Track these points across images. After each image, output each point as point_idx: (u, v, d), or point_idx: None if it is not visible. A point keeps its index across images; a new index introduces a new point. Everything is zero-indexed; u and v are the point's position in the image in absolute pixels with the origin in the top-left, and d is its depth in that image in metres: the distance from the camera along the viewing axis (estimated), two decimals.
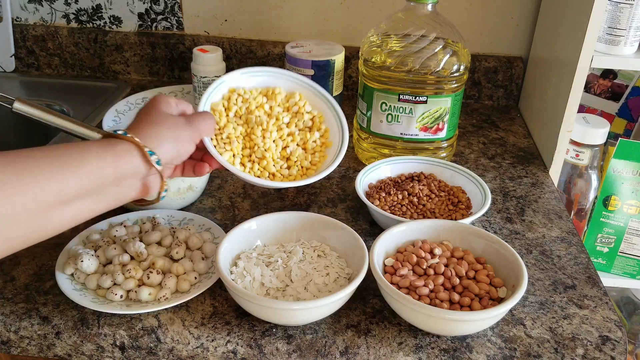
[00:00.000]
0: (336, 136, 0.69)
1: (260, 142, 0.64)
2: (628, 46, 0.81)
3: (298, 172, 0.66)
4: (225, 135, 0.63)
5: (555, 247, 0.71)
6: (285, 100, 0.68)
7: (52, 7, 1.10)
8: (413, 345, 0.56)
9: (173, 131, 0.53)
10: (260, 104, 0.66)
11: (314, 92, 0.69)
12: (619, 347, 0.57)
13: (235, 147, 0.63)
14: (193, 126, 0.55)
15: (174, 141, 0.53)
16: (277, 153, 0.65)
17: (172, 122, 0.54)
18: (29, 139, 1.04)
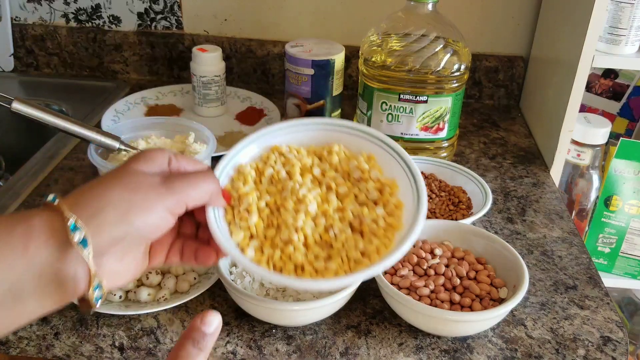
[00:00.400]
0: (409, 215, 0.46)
1: (289, 219, 0.45)
2: (629, 46, 0.81)
3: (341, 267, 0.43)
4: (244, 207, 0.45)
5: (556, 248, 0.71)
6: (345, 163, 0.49)
7: (51, 7, 1.09)
8: (413, 346, 0.56)
9: (127, 193, 0.36)
10: (308, 167, 0.48)
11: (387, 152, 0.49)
12: (620, 347, 0.57)
13: (255, 225, 0.45)
14: (172, 188, 0.38)
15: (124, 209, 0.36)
16: (315, 236, 0.45)
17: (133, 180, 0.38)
18: (27, 139, 1.04)
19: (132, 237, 0.37)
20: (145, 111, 0.96)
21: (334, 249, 0.44)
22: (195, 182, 0.40)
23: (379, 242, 0.44)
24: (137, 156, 0.40)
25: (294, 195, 0.46)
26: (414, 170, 0.47)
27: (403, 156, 0.48)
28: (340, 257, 0.44)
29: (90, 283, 0.35)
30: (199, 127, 0.77)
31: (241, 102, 1.01)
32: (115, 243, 0.36)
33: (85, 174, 0.81)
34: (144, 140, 0.75)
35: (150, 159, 0.40)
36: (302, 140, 0.51)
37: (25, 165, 0.83)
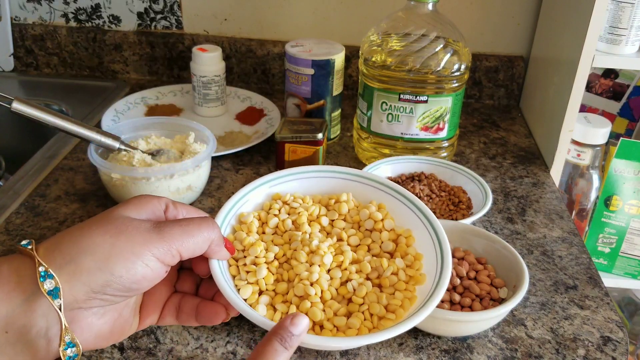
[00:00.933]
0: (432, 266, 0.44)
1: (303, 272, 0.41)
2: (629, 45, 0.81)
3: (364, 324, 0.40)
4: (250, 261, 0.42)
5: (556, 248, 0.71)
6: (355, 212, 0.47)
7: (50, 7, 1.09)
8: (414, 346, 0.56)
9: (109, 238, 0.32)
10: (316, 217, 0.46)
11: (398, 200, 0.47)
12: (620, 347, 0.57)
13: (264, 279, 0.42)
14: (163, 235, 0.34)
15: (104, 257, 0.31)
16: (332, 290, 0.42)
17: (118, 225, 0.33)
18: (27, 139, 1.04)
19: (113, 289, 0.32)
20: (145, 111, 0.96)
21: (354, 304, 0.41)
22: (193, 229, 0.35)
23: (402, 297, 0.41)
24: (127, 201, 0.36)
25: (305, 247, 0.42)
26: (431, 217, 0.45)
27: (417, 204, 0.46)
28: (361, 314, 0.40)
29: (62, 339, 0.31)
30: (199, 127, 0.77)
31: (241, 102, 1.01)
32: (93, 295, 0.32)
33: (85, 174, 0.81)
34: (144, 140, 0.75)
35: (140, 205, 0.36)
36: (307, 188, 0.48)
37: (25, 165, 0.83)
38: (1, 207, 0.73)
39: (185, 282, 0.41)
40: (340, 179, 0.48)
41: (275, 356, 0.34)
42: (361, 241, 0.45)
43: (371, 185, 0.48)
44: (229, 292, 0.38)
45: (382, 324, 0.40)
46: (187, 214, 0.38)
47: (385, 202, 0.47)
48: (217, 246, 0.38)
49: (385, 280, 0.42)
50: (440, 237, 0.44)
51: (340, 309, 0.41)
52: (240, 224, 0.44)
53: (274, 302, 0.41)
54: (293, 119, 0.84)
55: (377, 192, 0.47)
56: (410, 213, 0.46)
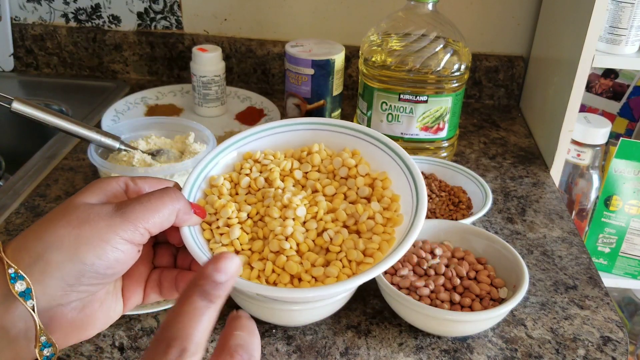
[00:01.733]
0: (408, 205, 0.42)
1: (277, 227, 0.41)
2: (629, 45, 0.81)
3: (342, 271, 0.40)
4: (223, 222, 0.41)
5: (556, 248, 0.71)
6: (328, 162, 0.46)
7: (50, 7, 1.09)
8: (414, 346, 0.56)
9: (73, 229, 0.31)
10: (289, 171, 0.45)
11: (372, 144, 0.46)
12: (620, 347, 0.57)
13: (238, 239, 0.41)
14: (126, 215, 0.33)
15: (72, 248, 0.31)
16: (309, 242, 0.41)
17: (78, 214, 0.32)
18: (27, 139, 1.04)
19: (89, 278, 0.31)
20: (145, 111, 0.96)
21: (331, 252, 0.41)
22: (155, 204, 0.34)
23: (380, 240, 0.41)
24: (86, 187, 0.35)
25: (278, 202, 0.41)
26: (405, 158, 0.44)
27: (391, 146, 0.44)
28: (339, 261, 0.40)
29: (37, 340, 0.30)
30: (198, 127, 0.77)
31: (241, 102, 1.01)
32: (69, 288, 0.31)
33: (85, 174, 0.81)
34: (144, 140, 0.75)
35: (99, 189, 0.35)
36: (277, 144, 0.47)
37: (25, 165, 0.83)
38: (1, 207, 0.73)
39: (162, 256, 0.40)
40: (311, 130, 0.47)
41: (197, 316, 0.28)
42: (337, 190, 0.44)
43: (343, 132, 0.46)
44: (202, 258, 0.37)
45: (360, 268, 0.40)
46: (149, 187, 0.37)
47: (359, 148, 0.46)
48: (185, 214, 0.36)
49: (363, 226, 0.42)
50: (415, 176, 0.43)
51: (317, 259, 0.40)
52: (211, 187, 0.43)
53: (250, 261, 0.40)
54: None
55: (350, 139, 0.46)
56: (385, 155, 0.45)
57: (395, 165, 0.44)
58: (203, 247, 0.39)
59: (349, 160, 0.45)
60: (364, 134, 0.46)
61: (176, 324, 0.27)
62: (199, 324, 0.28)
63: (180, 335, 0.27)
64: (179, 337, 0.27)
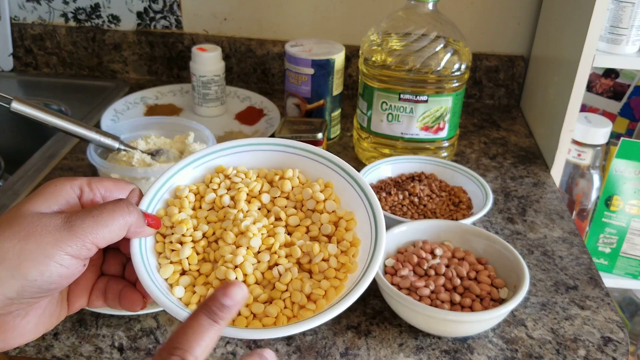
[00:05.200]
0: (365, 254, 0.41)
1: (227, 255, 0.39)
2: (630, 45, 0.81)
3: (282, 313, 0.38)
4: (176, 239, 0.40)
5: (557, 248, 0.71)
6: (299, 191, 0.44)
7: (50, 6, 1.09)
8: (414, 347, 0.56)
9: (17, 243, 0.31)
10: (257, 194, 0.43)
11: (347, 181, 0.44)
12: (620, 348, 0.57)
13: (187, 259, 0.40)
14: (73, 229, 0.32)
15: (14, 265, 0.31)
16: (257, 275, 0.40)
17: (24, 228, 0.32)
18: (26, 139, 1.04)
19: (30, 292, 0.32)
20: (144, 111, 0.96)
21: (276, 290, 0.39)
22: (106, 218, 0.33)
23: (328, 285, 0.39)
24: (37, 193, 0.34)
25: (235, 227, 0.40)
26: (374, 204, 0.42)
27: (363, 187, 0.43)
28: (282, 301, 0.39)
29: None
30: (198, 127, 0.77)
31: (241, 101, 1.01)
32: (10, 302, 0.31)
33: (84, 174, 0.81)
34: (144, 140, 0.75)
35: (51, 195, 0.34)
36: (254, 162, 0.45)
37: (25, 165, 0.82)
38: (1, 207, 0.73)
39: (111, 263, 0.39)
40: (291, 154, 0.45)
41: (200, 332, 0.30)
42: (301, 222, 0.43)
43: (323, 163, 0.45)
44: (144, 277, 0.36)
45: (301, 313, 0.38)
46: (105, 192, 0.36)
47: (334, 181, 0.45)
48: (137, 228, 0.36)
49: (315, 267, 0.40)
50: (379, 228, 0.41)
51: (261, 294, 0.39)
52: (175, 198, 0.42)
53: (195, 283, 0.39)
54: (293, 119, 0.84)
55: (328, 170, 0.45)
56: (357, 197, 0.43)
57: (363, 209, 0.43)
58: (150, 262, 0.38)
59: (318, 194, 0.43)
60: (342, 169, 0.45)
61: (181, 336, 0.30)
62: (201, 339, 0.30)
63: (182, 347, 0.30)
64: (180, 348, 0.29)
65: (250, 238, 0.40)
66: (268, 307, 0.38)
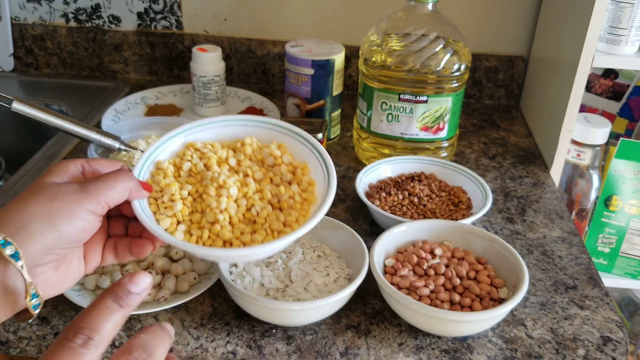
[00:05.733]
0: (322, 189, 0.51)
1: (213, 203, 0.48)
2: (629, 46, 0.81)
3: (266, 238, 0.48)
4: (167, 198, 0.48)
5: (556, 248, 0.71)
6: (258, 152, 0.53)
7: (50, 7, 1.09)
8: (413, 346, 0.56)
9: (47, 204, 0.38)
10: (224, 159, 0.52)
11: (296, 139, 0.54)
12: (620, 347, 0.57)
13: (180, 212, 0.48)
14: (89, 191, 0.40)
15: (48, 219, 0.38)
16: (239, 215, 0.49)
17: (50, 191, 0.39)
18: (27, 139, 1.04)
19: (62, 243, 0.39)
20: (145, 111, 0.96)
21: (257, 224, 0.48)
22: (112, 182, 0.42)
23: (297, 214, 0.49)
24: (49, 170, 0.42)
25: (214, 182, 0.49)
26: (322, 151, 0.52)
27: (310, 140, 0.53)
28: (264, 230, 0.48)
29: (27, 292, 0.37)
30: None
31: (241, 102, 1.01)
32: (47, 252, 0.38)
33: None
34: (144, 140, 0.75)
35: (61, 171, 0.42)
36: (215, 136, 0.54)
37: (26, 165, 0.83)
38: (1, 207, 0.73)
39: (115, 226, 0.47)
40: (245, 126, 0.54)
41: (107, 314, 0.34)
42: (265, 175, 0.52)
43: (273, 129, 0.54)
44: (151, 225, 0.45)
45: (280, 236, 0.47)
46: (101, 167, 0.45)
47: (285, 142, 0.54)
48: (136, 190, 0.44)
49: (284, 203, 0.50)
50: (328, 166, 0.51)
51: (246, 229, 0.48)
52: (157, 170, 0.50)
53: (190, 229, 0.48)
54: (293, 119, 0.84)
55: (278, 134, 0.54)
56: (306, 149, 0.53)
57: (313, 158, 0.52)
58: (150, 217, 0.46)
59: (275, 151, 0.52)
60: (289, 130, 0.54)
61: (88, 317, 0.33)
62: (107, 322, 0.33)
63: (89, 327, 0.33)
64: (87, 328, 0.33)
65: (228, 188, 0.48)
66: (254, 235, 0.47)
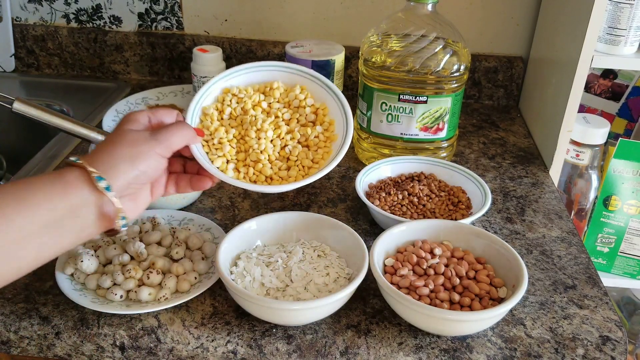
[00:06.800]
0: (341, 128, 0.63)
1: (254, 144, 0.60)
2: (628, 46, 0.81)
3: (299, 173, 0.60)
4: (217, 140, 0.60)
5: (555, 247, 0.71)
6: (285, 95, 0.64)
7: (52, 7, 1.10)
8: (413, 346, 0.56)
9: (129, 149, 0.49)
10: (257, 102, 0.63)
11: (315, 82, 0.64)
12: (619, 347, 0.57)
13: (228, 152, 0.59)
14: (158, 139, 0.51)
15: (130, 160, 0.49)
16: (275, 154, 0.61)
17: (130, 138, 0.50)
18: (28, 139, 1.04)
19: (140, 179, 0.50)
20: None
21: (291, 161, 0.61)
22: (175, 132, 0.53)
23: (322, 151, 0.62)
24: (125, 120, 0.52)
25: (253, 126, 0.60)
26: (338, 93, 0.64)
27: (327, 83, 0.64)
28: (296, 167, 0.61)
29: (117, 216, 0.48)
30: None
31: None
32: (129, 185, 0.49)
33: None
34: None
35: (135, 120, 0.52)
36: (247, 81, 0.64)
37: (27, 165, 0.83)
38: None
39: (175, 165, 0.57)
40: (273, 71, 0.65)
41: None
42: (292, 115, 0.63)
43: (295, 73, 0.65)
44: (207, 165, 0.56)
45: (310, 172, 0.60)
46: (163, 115, 0.55)
47: (306, 84, 0.65)
48: (192, 137, 0.55)
49: (311, 142, 0.62)
50: (345, 106, 0.63)
51: (282, 165, 0.61)
52: (204, 115, 0.61)
53: (237, 167, 0.60)
54: None
55: (300, 78, 0.65)
56: (324, 91, 0.64)
57: (331, 99, 0.64)
58: (206, 158, 0.58)
59: (299, 95, 0.64)
60: (308, 74, 0.65)
61: None
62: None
63: None
64: None
65: (265, 131, 0.60)
66: (289, 171, 0.60)
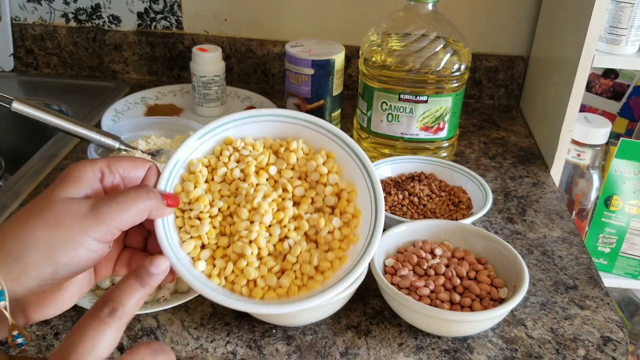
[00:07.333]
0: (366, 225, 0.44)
1: (243, 230, 0.43)
2: (629, 45, 0.81)
3: (294, 283, 0.42)
4: (195, 215, 0.43)
5: (556, 248, 0.71)
6: (303, 162, 0.46)
7: (50, 7, 1.09)
8: (413, 346, 0.56)
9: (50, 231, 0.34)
10: (264, 166, 0.46)
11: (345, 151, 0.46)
12: (620, 347, 0.57)
13: (206, 234, 0.43)
14: (99, 216, 0.35)
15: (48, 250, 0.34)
16: (270, 246, 0.43)
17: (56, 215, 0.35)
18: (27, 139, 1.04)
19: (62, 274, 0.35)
20: (145, 111, 0.96)
21: (287, 261, 0.43)
22: (128, 204, 0.36)
23: (333, 257, 0.43)
24: (62, 179, 0.37)
25: (248, 203, 0.43)
26: (373, 176, 0.45)
27: (362, 159, 0.46)
28: (293, 272, 0.43)
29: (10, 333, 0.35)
30: (198, 127, 0.77)
31: (241, 102, 1.01)
32: (44, 282, 0.34)
33: None
34: (144, 140, 0.75)
35: (77, 179, 0.37)
36: (258, 132, 0.47)
37: (25, 165, 0.83)
38: (1, 207, 0.73)
39: (134, 237, 0.42)
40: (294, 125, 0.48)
41: (130, 291, 0.35)
42: (306, 192, 0.45)
43: (323, 134, 0.47)
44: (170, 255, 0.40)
45: (310, 284, 0.42)
46: (124, 172, 0.39)
47: (335, 151, 0.47)
48: (158, 210, 0.39)
49: (321, 239, 0.44)
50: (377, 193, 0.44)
51: (275, 266, 0.43)
52: (189, 173, 0.44)
53: (215, 256, 0.43)
54: None
55: (328, 141, 0.47)
56: (356, 167, 0.46)
57: (362, 180, 0.46)
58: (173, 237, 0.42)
59: (321, 168, 0.46)
60: (341, 140, 0.47)
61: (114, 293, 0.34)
62: (130, 297, 0.34)
63: (115, 300, 0.34)
64: (113, 301, 0.34)
65: (262, 215, 0.43)
66: (280, 279, 0.42)
